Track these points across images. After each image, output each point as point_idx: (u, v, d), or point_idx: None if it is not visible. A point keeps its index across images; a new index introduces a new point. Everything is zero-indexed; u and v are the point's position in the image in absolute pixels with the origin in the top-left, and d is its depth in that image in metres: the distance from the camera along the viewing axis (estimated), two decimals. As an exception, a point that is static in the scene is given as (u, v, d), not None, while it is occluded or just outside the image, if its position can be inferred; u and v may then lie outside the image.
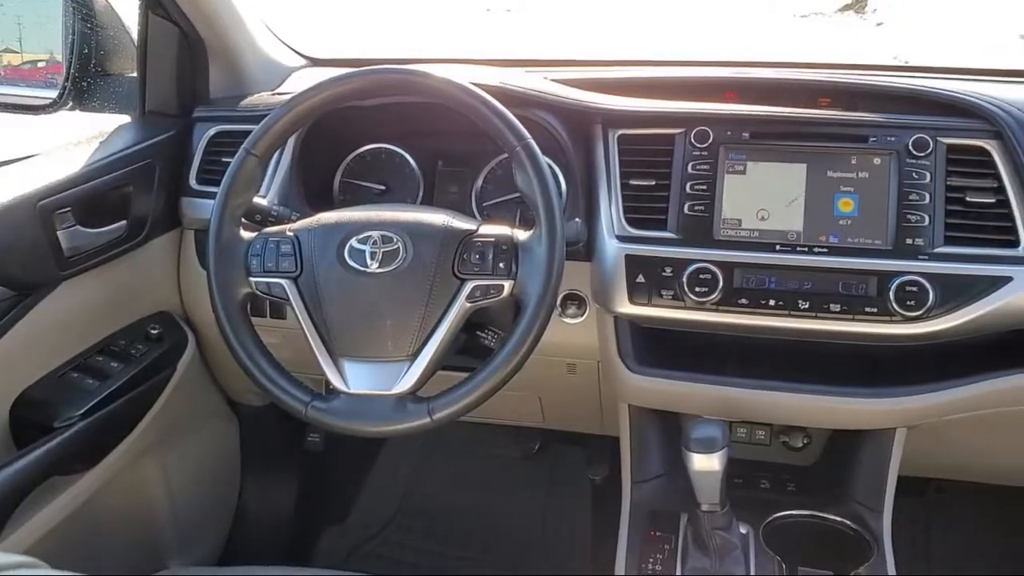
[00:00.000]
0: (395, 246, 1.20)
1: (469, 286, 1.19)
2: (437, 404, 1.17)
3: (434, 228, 1.22)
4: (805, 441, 1.49)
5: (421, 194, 1.61)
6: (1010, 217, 1.27)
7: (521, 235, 1.22)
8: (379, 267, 1.20)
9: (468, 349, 1.32)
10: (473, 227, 1.23)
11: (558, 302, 1.48)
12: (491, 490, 2.24)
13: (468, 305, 1.19)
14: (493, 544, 2.14)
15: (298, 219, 1.31)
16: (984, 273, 1.25)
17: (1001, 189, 1.28)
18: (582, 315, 1.48)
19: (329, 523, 2.22)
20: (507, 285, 1.19)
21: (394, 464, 2.31)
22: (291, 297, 1.22)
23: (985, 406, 1.33)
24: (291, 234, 1.25)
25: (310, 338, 1.20)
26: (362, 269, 1.20)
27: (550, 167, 1.47)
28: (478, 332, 1.32)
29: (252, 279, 1.24)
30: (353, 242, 1.21)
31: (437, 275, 1.19)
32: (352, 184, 1.63)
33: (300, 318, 1.21)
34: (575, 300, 1.48)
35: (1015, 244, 1.26)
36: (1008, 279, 1.24)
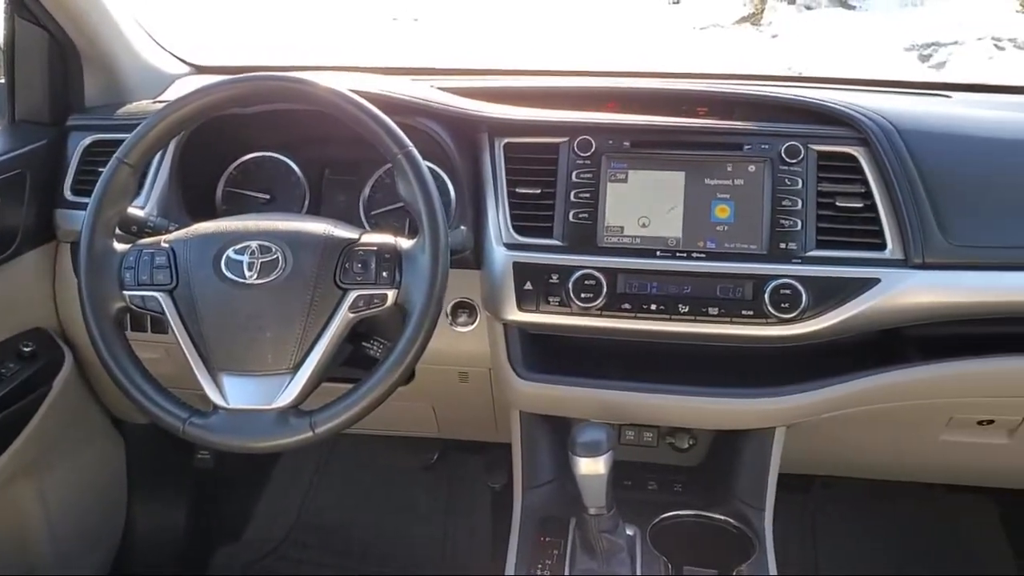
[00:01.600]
0: (274, 256, 1.18)
1: (352, 296, 1.17)
2: (320, 417, 1.15)
3: (315, 237, 1.20)
4: (691, 442, 1.53)
5: (307, 203, 1.58)
6: (877, 221, 1.33)
7: (405, 243, 1.21)
8: (257, 278, 1.17)
9: (355, 360, 1.30)
10: (355, 236, 1.21)
11: (448, 310, 1.48)
12: (390, 502, 2.22)
13: (351, 315, 1.18)
14: (392, 557, 2.12)
15: (176, 230, 1.27)
16: (854, 275, 1.30)
17: (868, 194, 1.34)
18: (473, 323, 1.48)
19: (222, 541, 2.16)
20: (391, 294, 1.18)
21: (290, 479, 2.27)
22: (167, 310, 1.19)
23: (859, 404, 1.39)
24: (166, 245, 1.21)
25: (187, 352, 1.17)
26: (240, 280, 1.17)
27: (438, 175, 1.48)
28: (363, 343, 1.30)
29: (126, 292, 1.20)
30: (230, 252, 1.19)
31: (318, 285, 1.17)
32: (236, 194, 1.59)
33: (176, 332, 1.18)
34: (465, 308, 1.49)
35: (882, 247, 1.32)
36: (876, 281, 1.30)
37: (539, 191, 1.40)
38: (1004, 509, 2.02)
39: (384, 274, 1.18)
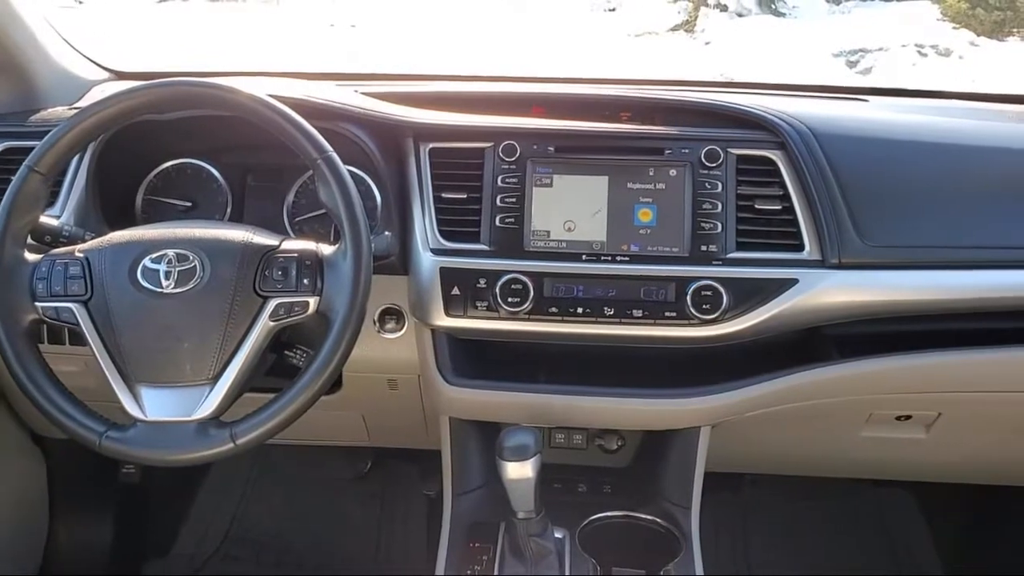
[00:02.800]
0: (191, 264, 1.16)
1: (272, 304, 1.16)
2: (240, 428, 1.13)
3: (233, 245, 1.18)
4: (619, 443, 1.54)
5: (229, 210, 1.56)
6: (795, 223, 1.36)
7: (326, 250, 1.20)
8: (175, 287, 1.15)
9: (279, 370, 1.29)
10: (275, 243, 1.20)
11: (375, 317, 1.47)
12: (324, 513, 2.19)
13: (272, 324, 1.16)
14: (327, 567, 2.10)
15: (91, 239, 1.24)
16: (773, 276, 1.33)
17: (786, 196, 1.37)
18: (401, 330, 1.48)
19: (151, 556, 2.11)
20: (312, 302, 1.17)
21: (221, 491, 2.23)
22: (81, 322, 1.16)
23: (780, 402, 1.42)
24: (80, 255, 1.19)
25: (103, 364, 1.15)
26: (156, 290, 1.15)
27: (363, 180, 1.48)
28: (286, 351, 1.29)
29: (38, 304, 1.17)
30: (147, 261, 1.16)
31: (237, 293, 1.15)
32: (156, 202, 1.56)
33: (92, 344, 1.16)
34: (393, 315, 1.48)
35: (800, 248, 1.35)
36: (795, 281, 1.33)
37: (465, 196, 1.40)
38: (925, 502, 2.08)
39: (305, 281, 1.17)
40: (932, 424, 1.50)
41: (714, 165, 1.37)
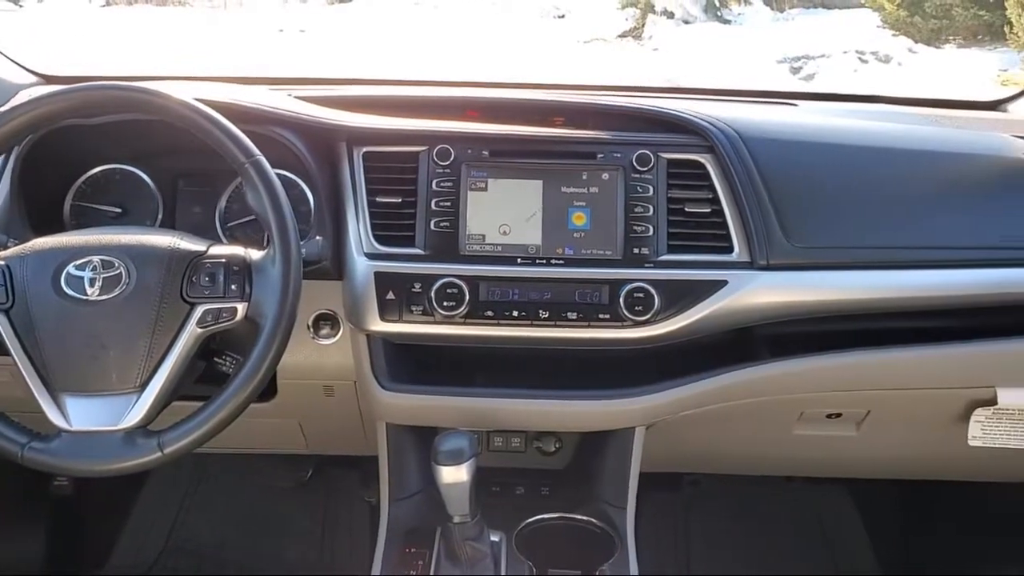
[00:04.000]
0: (117, 271, 1.14)
1: (200, 310, 1.15)
2: (168, 437, 1.12)
3: (159, 251, 1.17)
4: (557, 445, 1.55)
5: (161, 216, 1.53)
6: (724, 225, 1.38)
7: (255, 255, 1.19)
8: (99, 294, 1.13)
9: (210, 377, 1.27)
10: (202, 248, 1.19)
11: (310, 323, 1.46)
12: (265, 522, 2.16)
13: (199, 330, 1.15)
14: None
15: (15, 246, 1.21)
16: (703, 278, 1.35)
17: (716, 200, 1.39)
18: (335, 335, 1.47)
19: (85, 570, 2.06)
20: (240, 307, 1.16)
21: (158, 502, 2.19)
22: (2, 331, 1.14)
23: (713, 401, 1.44)
24: (1, 262, 1.16)
25: (25, 374, 1.13)
26: (81, 297, 1.13)
27: (296, 184, 1.46)
28: (216, 359, 1.27)
29: None
30: (70, 268, 1.14)
31: (164, 300, 1.14)
32: (85, 208, 1.53)
33: (13, 353, 1.13)
34: (328, 320, 1.47)
35: (729, 250, 1.37)
36: (724, 283, 1.35)
37: (399, 200, 1.40)
38: (858, 498, 2.13)
39: (233, 287, 1.16)
40: (862, 421, 1.54)
41: (645, 169, 1.39)
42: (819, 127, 1.54)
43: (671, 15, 12.06)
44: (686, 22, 11.94)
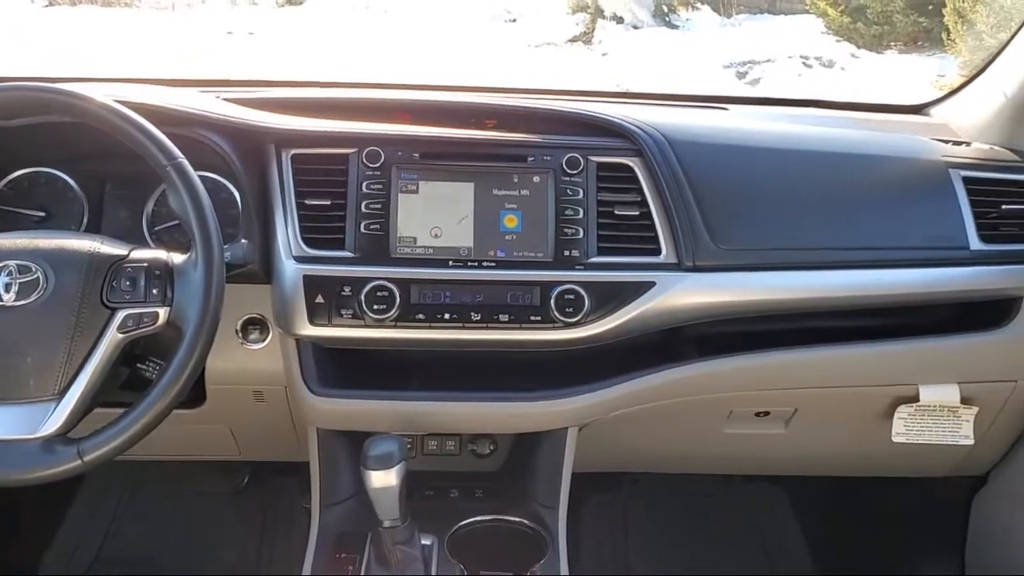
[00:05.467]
0: (34, 276, 1.12)
1: (120, 315, 1.13)
2: (88, 445, 1.10)
3: (79, 255, 1.15)
4: (491, 448, 1.55)
5: (86, 220, 1.50)
6: (653, 228, 1.40)
7: (177, 258, 1.18)
8: (16, 299, 1.11)
9: (134, 383, 1.25)
10: (123, 252, 1.17)
11: (239, 327, 1.44)
12: (201, 530, 2.13)
13: (120, 336, 1.13)
14: None
15: None
16: (632, 279, 1.37)
17: (644, 202, 1.40)
18: (265, 340, 1.45)
19: None
20: (162, 312, 1.14)
21: (90, 510, 2.14)
22: None
23: (643, 401, 1.45)
24: None
25: None
26: None
27: (225, 187, 1.45)
28: (139, 364, 1.25)
29: None
30: None
31: (84, 305, 1.12)
32: (6, 212, 1.49)
33: None
34: (257, 325, 1.45)
35: (657, 252, 1.39)
36: (652, 284, 1.37)
37: (329, 202, 1.39)
38: (793, 496, 2.17)
39: (154, 291, 1.14)
40: (790, 419, 1.57)
41: (575, 172, 1.40)
42: (746, 131, 1.56)
43: (620, 20, 12.14)
44: (635, 27, 12.03)
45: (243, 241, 1.30)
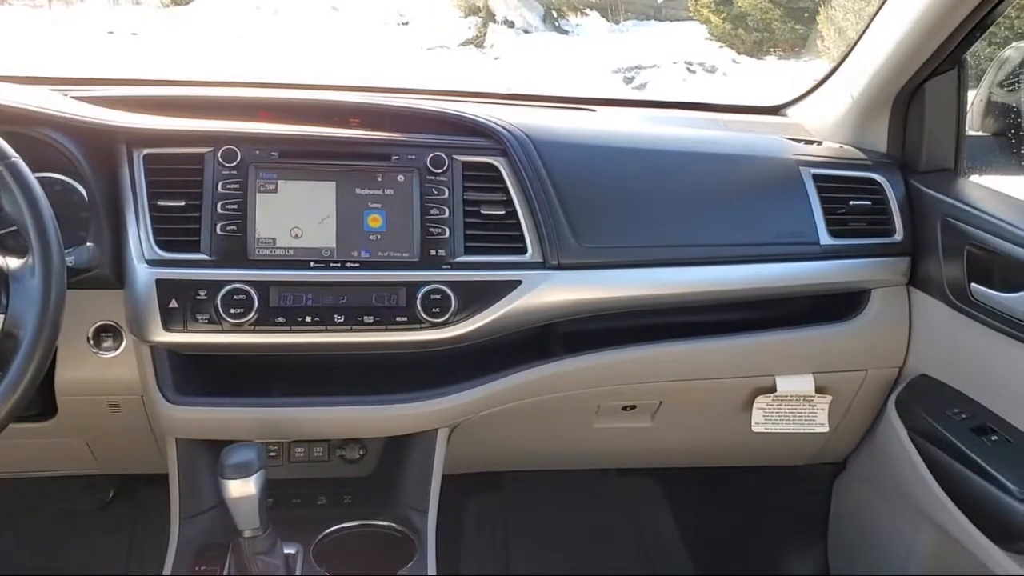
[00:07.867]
0: None
1: None
2: None
3: None
4: (361, 452, 1.52)
5: None
6: (518, 227, 1.40)
7: (13, 264, 1.11)
8: None
9: None
10: None
11: (90, 335, 1.38)
12: (66, 548, 2.02)
13: None
14: None
15: None
16: (498, 278, 1.37)
17: (510, 202, 1.41)
18: (119, 348, 1.39)
19: None
20: None
21: None
22: None
23: (513, 399, 1.46)
24: None
25: None
26: None
27: (75, 189, 1.38)
28: (-26, 376, 1.18)
29: None
30: None
31: None
32: None
33: None
34: (110, 332, 1.39)
35: (523, 251, 1.40)
36: (518, 283, 1.37)
37: (183, 203, 1.34)
38: (664, 486, 2.22)
39: None
40: (655, 412, 1.60)
41: (440, 171, 1.39)
42: (610, 132, 1.59)
43: (511, 24, 12.24)
44: (526, 31, 12.16)
45: (89, 244, 1.24)
